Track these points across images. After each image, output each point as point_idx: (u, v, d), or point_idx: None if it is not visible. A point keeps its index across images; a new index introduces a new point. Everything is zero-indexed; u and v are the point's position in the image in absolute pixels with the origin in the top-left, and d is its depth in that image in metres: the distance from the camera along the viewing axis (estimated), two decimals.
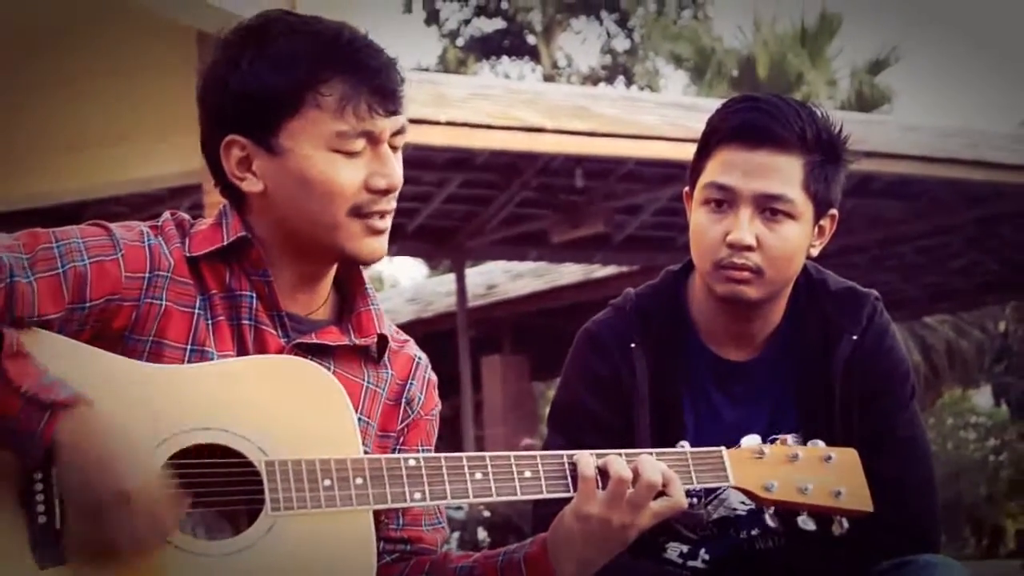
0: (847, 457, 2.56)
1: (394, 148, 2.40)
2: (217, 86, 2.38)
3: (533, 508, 2.82)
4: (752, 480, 2.48)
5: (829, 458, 2.53)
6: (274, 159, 2.34)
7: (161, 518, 2.10)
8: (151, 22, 10.19)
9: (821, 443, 2.56)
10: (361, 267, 2.49)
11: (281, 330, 2.39)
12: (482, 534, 14.52)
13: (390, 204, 2.40)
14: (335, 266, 2.47)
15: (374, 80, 2.34)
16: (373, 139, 2.36)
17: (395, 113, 2.38)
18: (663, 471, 2.37)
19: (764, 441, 2.56)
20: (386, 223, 2.40)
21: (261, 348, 2.36)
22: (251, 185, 2.37)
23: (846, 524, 2.52)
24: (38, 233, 2.25)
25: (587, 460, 2.35)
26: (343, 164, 2.34)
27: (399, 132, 2.40)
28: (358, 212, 2.36)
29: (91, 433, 2.09)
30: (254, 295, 2.38)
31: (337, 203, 2.34)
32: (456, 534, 14.23)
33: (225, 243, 2.37)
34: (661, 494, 2.36)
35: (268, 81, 2.32)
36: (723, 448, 2.49)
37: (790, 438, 2.57)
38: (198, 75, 2.41)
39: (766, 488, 2.48)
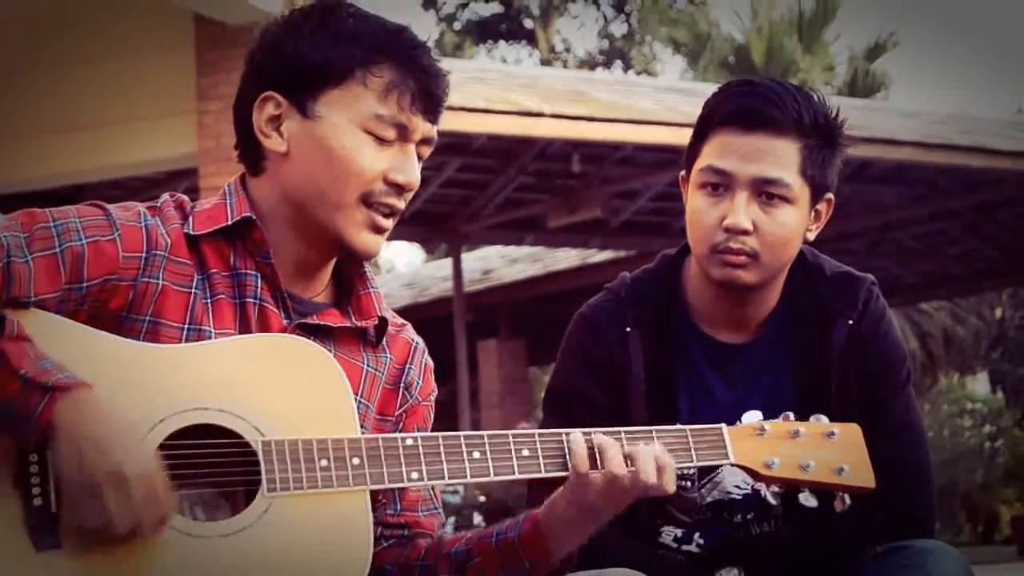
0: (850, 433, 2.53)
1: (418, 157, 2.43)
2: (270, 46, 2.41)
3: (528, 489, 2.82)
4: (753, 457, 2.46)
5: (832, 434, 2.51)
6: (305, 122, 2.37)
7: (159, 501, 2.10)
8: (149, 5, 10.18)
9: (824, 418, 2.54)
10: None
11: (284, 311, 2.40)
12: (477, 519, 14.53)
13: (400, 202, 2.41)
14: (334, 256, 2.47)
15: (423, 79, 2.39)
16: (405, 134, 2.39)
17: (432, 121, 2.42)
18: (658, 460, 2.35)
19: None
20: (389, 223, 2.41)
21: (264, 327, 2.37)
22: (275, 144, 2.39)
23: (848, 500, 2.51)
24: (35, 213, 2.26)
25: (582, 454, 2.34)
26: (370, 147, 2.36)
27: (427, 142, 2.44)
28: (367, 199, 2.37)
29: (88, 415, 2.09)
30: (259, 275, 2.39)
31: (351, 183, 2.36)
32: (452, 519, 14.25)
33: (229, 222, 2.38)
34: None
35: (324, 50, 2.37)
36: (723, 425, 2.48)
37: (792, 414, 2.56)
38: (257, 32, 2.45)
39: (767, 465, 2.45)
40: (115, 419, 2.10)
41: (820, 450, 2.49)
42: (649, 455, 2.34)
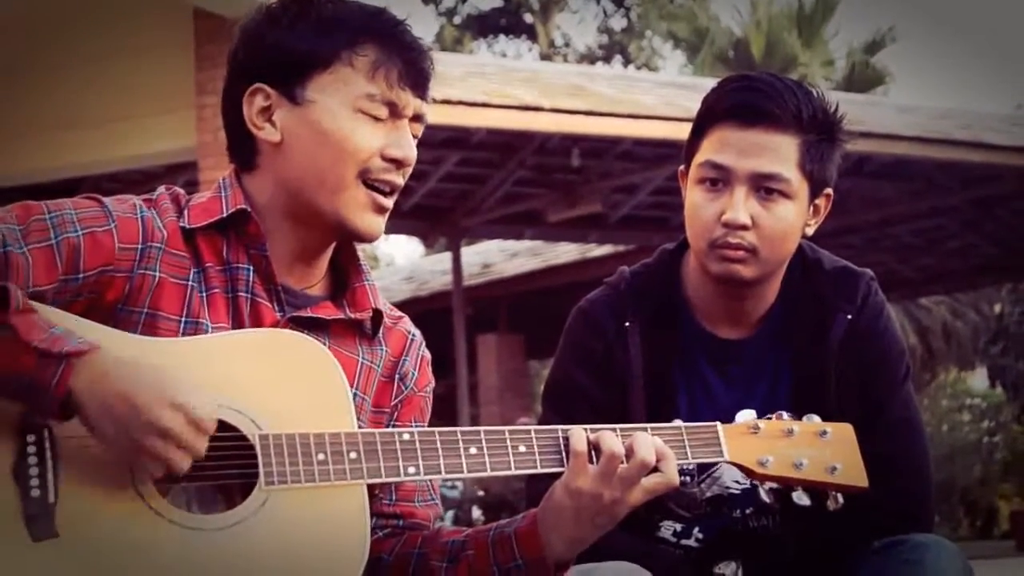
0: (843, 432, 2.53)
1: (413, 134, 2.44)
2: (252, 40, 2.42)
3: (527, 485, 2.82)
4: (747, 455, 2.46)
5: (824, 433, 2.51)
6: (296, 109, 2.37)
7: (202, 430, 2.11)
8: (149, 1, 10.17)
9: (817, 418, 2.54)
10: (355, 244, 2.50)
11: (277, 304, 2.39)
12: (476, 512, 14.56)
13: (399, 178, 2.42)
14: (332, 244, 2.47)
15: (409, 55, 2.40)
16: (396, 111, 2.40)
17: (421, 96, 2.43)
18: (658, 448, 2.35)
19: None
20: (389, 202, 2.42)
21: (256, 321, 2.37)
22: (268, 134, 2.39)
23: (841, 499, 2.51)
24: (30, 205, 2.26)
25: (579, 434, 2.34)
26: (364, 126, 2.37)
27: (419, 118, 2.45)
28: (366, 177, 2.37)
29: (107, 375, 2.08)
30: (251, 268, 2.38)
31: (349, 162, 2.36)
32: (451, 513, 14.28)
33: (224, 215, 2.38)
34: (654, 470, 2.35)
35: (308, 38, 2.38)
36: (718, 423, 2.48)
37: (785, 414, 2.57)
38: (237, 31, 2.45)
39: (761, 463, 2.46)
40: (133, 372, 2.10)
41: (813, 449, 2.49)
42: (648, 441, 2.35)
